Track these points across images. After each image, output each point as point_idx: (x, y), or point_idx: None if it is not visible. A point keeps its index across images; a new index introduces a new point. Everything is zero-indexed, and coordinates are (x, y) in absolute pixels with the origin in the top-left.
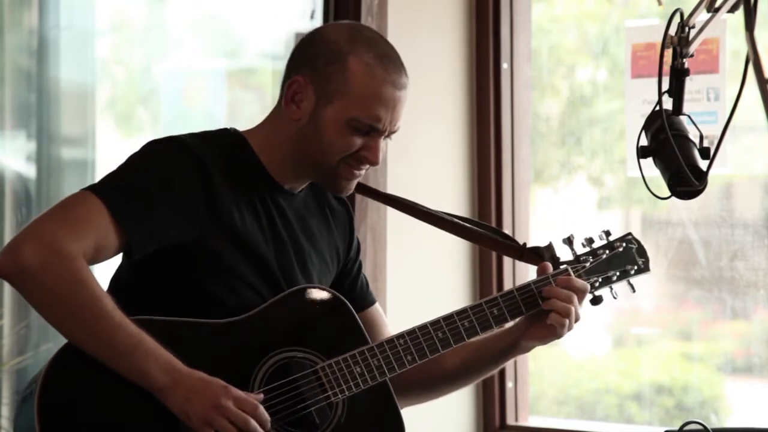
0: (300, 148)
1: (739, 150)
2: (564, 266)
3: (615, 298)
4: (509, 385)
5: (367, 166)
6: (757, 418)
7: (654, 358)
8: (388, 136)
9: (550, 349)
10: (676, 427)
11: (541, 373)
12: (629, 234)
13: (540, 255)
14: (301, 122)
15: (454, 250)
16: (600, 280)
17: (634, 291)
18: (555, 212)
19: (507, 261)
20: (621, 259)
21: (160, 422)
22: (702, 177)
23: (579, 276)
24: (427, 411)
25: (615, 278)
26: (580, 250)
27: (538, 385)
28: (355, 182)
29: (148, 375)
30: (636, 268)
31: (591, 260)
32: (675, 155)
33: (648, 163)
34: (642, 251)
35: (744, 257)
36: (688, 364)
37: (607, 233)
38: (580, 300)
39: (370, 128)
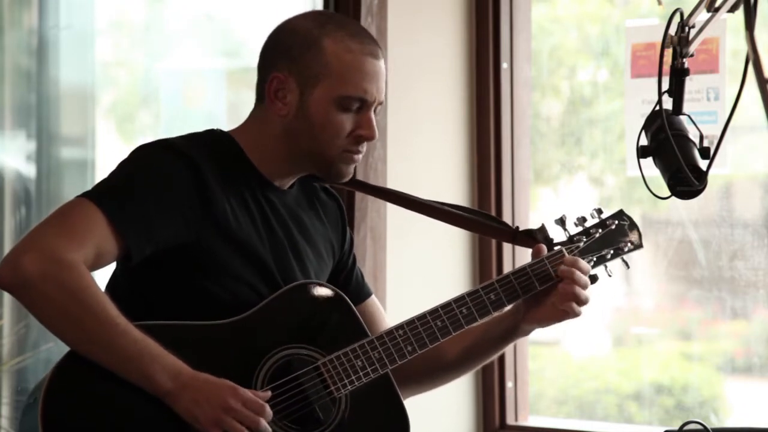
0: (292, 143)
1: (739, 150)
2: (558, 247)
3: (610, 276)
4: (509, 384)
5: (365, 144)
6: (756, 418)
7: (654, 358)
8: (376, 109)
9: (550, 349)
10: (676, 427)
11: (541, 373)
12: (621, 211)
13: (533, 237)
14: (288, 116)
15: (454, 251)
16: (594, 259)
17: (628, 267)
18: (555, 212)
19: (507, 263)
20: (614, 236)
21: (167, 426)
22: (702, 177)
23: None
24: (427, 410)
25: (609, 256)
26: (573, 230)
27: (538, 385)
28: (354, 166)
29: (155, 380)
30: (630, 244)
31: (584, 240)
32: (675, 155)
33: (648, 163)
34: (634, 227)
35: (744, 257)
36: (687, 364)
37: (599, 211)
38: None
39: (360, 102)
